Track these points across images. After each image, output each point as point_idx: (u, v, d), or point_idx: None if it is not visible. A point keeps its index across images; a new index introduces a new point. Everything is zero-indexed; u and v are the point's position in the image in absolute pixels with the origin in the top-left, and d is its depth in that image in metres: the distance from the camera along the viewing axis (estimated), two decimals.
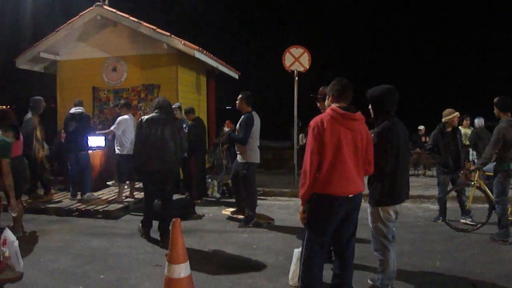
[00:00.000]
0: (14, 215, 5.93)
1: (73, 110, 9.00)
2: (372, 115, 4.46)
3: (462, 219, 7.50)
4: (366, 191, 4.10)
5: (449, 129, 7.57)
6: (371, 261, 5.08)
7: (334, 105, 3.83)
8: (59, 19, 13.06)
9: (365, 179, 4.08)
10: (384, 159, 4.18)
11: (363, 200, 4.08)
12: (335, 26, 36.00)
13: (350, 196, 3.77)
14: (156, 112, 6.47)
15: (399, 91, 4.44)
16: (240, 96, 7.46)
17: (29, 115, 8.86)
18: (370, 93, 4.42)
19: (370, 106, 4.45)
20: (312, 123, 3.77)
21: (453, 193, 7.72)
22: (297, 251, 4.59)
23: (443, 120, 7.59)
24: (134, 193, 9.19)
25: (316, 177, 3.73)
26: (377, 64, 33.46)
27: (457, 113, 7.59)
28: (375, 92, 4.39)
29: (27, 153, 8.53)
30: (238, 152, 7.49)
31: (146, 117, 6.50)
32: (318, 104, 5.42)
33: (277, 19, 37.20)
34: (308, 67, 11.07)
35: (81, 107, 9.05)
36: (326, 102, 4.05)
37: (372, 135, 4.15)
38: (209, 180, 10.38)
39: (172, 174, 6.64)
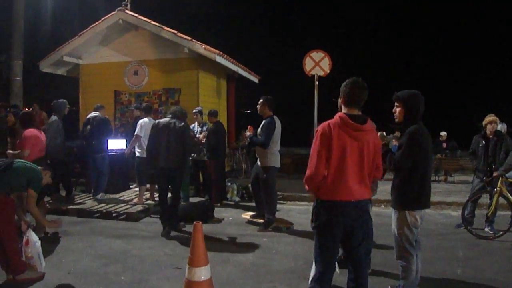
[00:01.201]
0: (41, 235, 5.95)
1: (89, 115, 9.16)
2: (399, 118, 4.40)
3: (486, 226, 7.38)
4: (385, 196, 4.05)
5: (490, 135, 7.40)
6: (393, 267, 5.03)
7: (343, 113, 3.78)
8: (80, 23, 13.28)
9: (381, 185, 4.03)
10: (414, 162, 4.14)
11: (385, 206, 4.04)
12: (356, 30, 35.83)
13: (354, 201, 3.71)
14: (168, 117, 7.31)
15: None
16: (261, 100, 7.45)
17: (53, 117, 9.00)
18: (403, 96, 4.34)
19: (398, 109, 4.38)
20: (320, 128, 3.71)
21: (484, 200, 7.60)
22: None
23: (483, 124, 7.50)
24: (155, 196, 9.25)
25: (321, 184, 3.70)
26: (399, 68, 33.21)
27: (490, 118, 7.41)
28: (409, 95, 4.33)
29: (51, 155, 8.70)
30: (258, 156, 7.49)
31: (158, 120, 7.42)
32: (339, 105, 5.37)
33: (298, 23, 37.16)
34: (328, 71, 11.04)
35: (97, 111, 9.17)
36: (338, 102, 4.00)
37: (394, 139, 4.10)
38: (229, 183, 10.39)
39: (176, 171, 7.23)
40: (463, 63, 32.80)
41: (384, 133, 4.58)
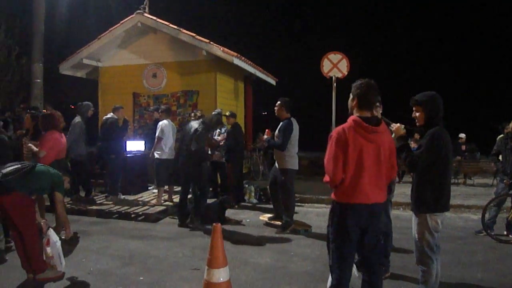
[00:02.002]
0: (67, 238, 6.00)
1: (105, 116, 9.28)
2: (420, 122, 4.37)
3: (506, 230, 7.27)
4: (405, 199, 4.01)
5: None
6: (412, 271, 4.98)
7: (356, 116, 3.76)
8: (97, 27, 13.43)
9: (398, 188, 4.00)
10: (433, 165, 4.10)
11: (404, 209, 4.00)
12: (374, 31, 35.65)
13: (369, 204, 3.70)
14: (197, 121, 7.77)
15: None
16: (279, 102, 7.45)
17: (77, 119, 9.13)
18: (421, 99, 4.30)
19: (418, 113, 4.35)
20: (334, 133, 3.68)
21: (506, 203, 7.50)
22: None
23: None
24: (173, 197, 9.32)
25: (339, 187, 3.69)
26: (416, 70, 32.94)
27: None
28: (427, 98, 4.28)
29: (73, 157, 8.83)
30: (276, 159, 7.49)
31: (187, 123, 7.96)
32: (350, 107, 5.33)
33: (315, 25, 37.07)
34: (346, 73, 11.00)
35: (111, 113, 9.25)
36: (349, 102, 3.96)
37: (412, 141, 4.07)
38: (246, 185, 10.41)
39: (189, 169, 7.68)
40: (483, 64, 32.44)
41: (403, 125, 4.50)
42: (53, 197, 5.44)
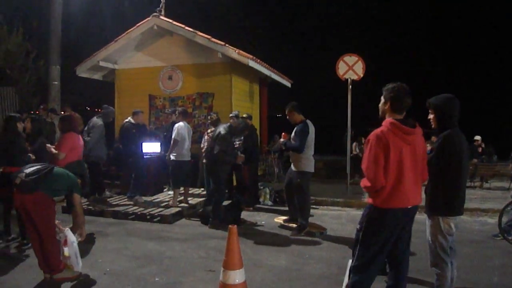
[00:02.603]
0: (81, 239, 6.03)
1: (125, 120, 9.40)
2: (434, 125, 4.36)
3: None
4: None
5: None
6: (427, 274, 4.94)
7: (392, 119, 3.76)
8: (116, 29, 13.54)
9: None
10: (446, 168, 4.08)
11: (419, 212, 3.99)
12: (390, 33, 35.46)
13: (408, 207, 3.71)
14: (224, 126, 8.01)
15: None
16: (287, 109, 7.51)
17: (99, 121, 9.21)
18: (433, 102, 4.29)
19: (432, 116, 4.34)
20: (372, 137, 3.68)
21: None
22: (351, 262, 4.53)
23: None
24: (188, 199, 9.36)
25: (377, 191, 3.69)
26: (433, 72, 32.70)
27: None
28: (438, 101, 4.27)
29: (94, 159, 8.92)
30: (292, 161, 7.49)
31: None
32: (381, 110, 5.31)
33: (331, 27, 36.97)
34: (362, 75, 10.95)
35: (129, 117, 9.32)
36: (381, 106, 3.96)
37: (428, 144, 4.05)
38: (261, 187, 10.41)
39: (209, 171, 8.19)
40: (502, 66, 32.08)
41: None
42: (70, 198, 5.50)
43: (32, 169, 5.09)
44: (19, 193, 5.00)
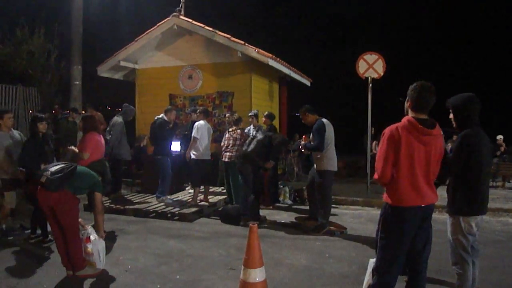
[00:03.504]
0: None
1: (156, 117, 9.43)
2: (454, 125, 4.32)
3: None
4: (440, 202, 3.95)
5: None
6: (448, 275, 4.89)
7: (411, 116, 3.73)
8: (136, 29, 13.65)
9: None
10: (466, 167, 4.03)
11: (440, 212, 3.95)
12: (410, 31, 35.12)
13: (422, 206, 3.68)
14: (262, 132, 8.31)
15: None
16: (301, 112, 7.59)
17: (118, 119, 9.32)
18: (452, 102, 4.26)
19: (452, 116, 4.30)
20: (387, 131, 3.69)
21: None
22: (372, 261, 4.49)
23: None
24: (208, 197, 9.40)
25: (390, 189, 3.68)
26: (454, 70, 32.30)
27: None
28: (457, 101, 4.23)
29: (117, 156, 9.03)
30: (314, 161, 7.49)
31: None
32: (406, 108, 5.27)
33: (351, 25, 36.79)
34: (382, 73, 10.86)
35: (162, 114, 9.35)
36: (405, 105, 3.95)
37: (450, 143, 4.01)
38: (281, 186, 10.41)
39: (240, 169, 8.16)
40: None
41: None
42: (92, 196, 5.58)
43: (56, 167, 5.18)
44: (44, 191, 5.09)
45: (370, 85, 10.87)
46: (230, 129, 9.07)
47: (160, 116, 9.27)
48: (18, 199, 7.39)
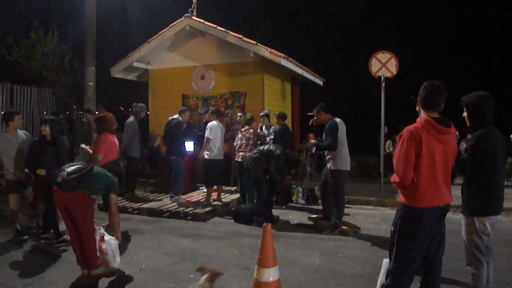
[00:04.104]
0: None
1: (170, 117, 9.47)
2: (468, 123, 4.28)
3: None
4: (454, 202, 3.92)
5: None
6: (462, 275, 4.85)
7: (426, 116, 3.71)
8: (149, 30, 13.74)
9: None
10: (481, 167, 4.00)
11: (454, 211, 3.92)
12: (423, 29, 34.87)
13: (441, 206, 3.66)
14: (278, 147, 8.13)
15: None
16: (315, 110, 7.57)
17: (130, 119, 9.41)
18: (466, 100, 4.21)
19: (465, 114, 4.26)
20: (405, 132, 3.66)
21: None
22: (386, 261, 4.48)
23: None
24: (221, 197, 9.43)
25: (408, 190, 3.66)
26: (468, 68, 32.01)
27: None
28: (471, 99, 4.19)
29: (128, 154, 9.10)
30: (327, 161, 7.46)
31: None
32: (418, 108, 5.23)
33: (363, 24, 36.64)
34: (395, 72, 10.80)
35: (176, 115, 9.41)
36: (417, 106, 3.94)
37: (464, 142, 3.98)
38: (294, 186, 10.39)
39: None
40: None
41: None
42: (107, 197, 5.62)
43: (72, 168, 5.23)
44: (60, 191, 5.14)
45: (383, 84, 10.81)
46: (243, 129, 9.08)
47: (175, 117, 9.32)
48: (25, 200, 7.45)
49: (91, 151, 7.21)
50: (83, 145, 7.57)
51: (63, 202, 5.17)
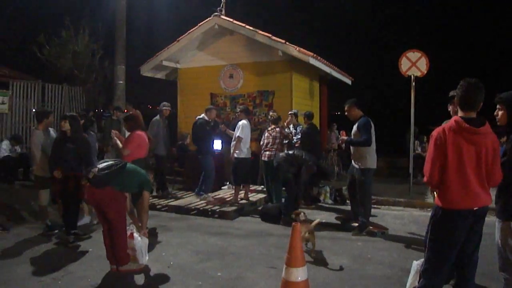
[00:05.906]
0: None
1: (197, 117, 9.54)
2: (501, 122, 4.15)
3: None
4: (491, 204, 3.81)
5: None
6: (494, 279, 4.74)
7: (458, 116, 3.64)
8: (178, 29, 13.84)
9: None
10: None
11: (488, 215, 3.81)
12: (455, 28, 34.27)
13: (475, 209, 3.58)
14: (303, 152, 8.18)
15: None
16: (347, 105, 7.47)
17: (156, 117, 9.54)
18: (506, 97, 4.09)
19: (501, 112, 4.13)
20: (434, 133, 3.62)
21: None
22: (416, 264, 4.41)
23: None
24: (249, 196, 9.44)
25: (440, 191, 3.61)
26: (501, 67, 31.31)
27: None
28: (510, 97, 4.07)
29: (155, 152, 9.21)
30: (354, 158, 7.37)
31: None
32: (450, 108, 5.14)
33: (393, 23, 36.21)
34: (425, 71, 10.62)
35: (202, 114, 9.46)
36: (449, 107, 3.87)
37: (502, 143, 3.86)
38: (322, 186, 10.33)
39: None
40: None
41: None
42: (140, 195, 5.67)
43: (104, 164, 5.32)
44: (91, 187, 5.22)
45: (413, 83, 10.65)
46: (269, 128, 9.08)
47: (200, 116, 9.40)
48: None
49: (120, 144, 7.31)
50: (114, 134, 7.57)
51: (95, 198, 5.25)
